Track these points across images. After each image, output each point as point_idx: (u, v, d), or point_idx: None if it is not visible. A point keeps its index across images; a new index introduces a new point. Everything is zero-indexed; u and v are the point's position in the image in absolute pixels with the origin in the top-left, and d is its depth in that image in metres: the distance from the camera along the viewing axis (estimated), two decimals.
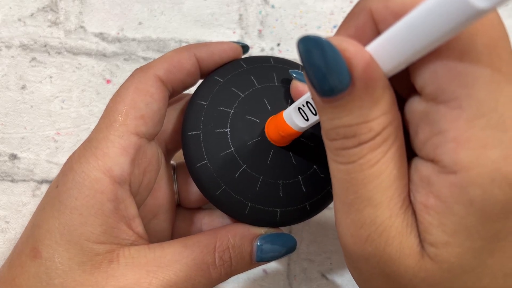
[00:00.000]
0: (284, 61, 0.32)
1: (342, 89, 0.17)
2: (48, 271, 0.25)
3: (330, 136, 0.19)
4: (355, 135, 0.18)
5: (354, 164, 0.18)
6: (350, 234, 0.19)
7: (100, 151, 0.26)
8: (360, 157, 0.18)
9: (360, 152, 0.18)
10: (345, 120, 0.18)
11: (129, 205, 0.26)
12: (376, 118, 0.18)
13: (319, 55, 0.17)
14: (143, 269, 0.25)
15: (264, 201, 0.28)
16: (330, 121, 0.18)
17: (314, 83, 0.18)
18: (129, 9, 0.42)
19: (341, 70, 0.17)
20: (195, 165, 0.28)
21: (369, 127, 0.18)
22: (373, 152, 0.18)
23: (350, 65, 0.17)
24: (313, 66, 0.18)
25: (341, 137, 0.18)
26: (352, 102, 0.17)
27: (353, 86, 0.17)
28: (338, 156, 0.19)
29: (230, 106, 0.29)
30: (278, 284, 0.40)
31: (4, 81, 0.40)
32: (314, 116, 0.24)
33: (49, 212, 0.26)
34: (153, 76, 0.28)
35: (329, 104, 0.18)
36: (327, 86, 0.17)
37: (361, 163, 0.18)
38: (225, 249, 0.27)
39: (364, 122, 0.18)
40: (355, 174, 0.18)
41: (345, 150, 0.18)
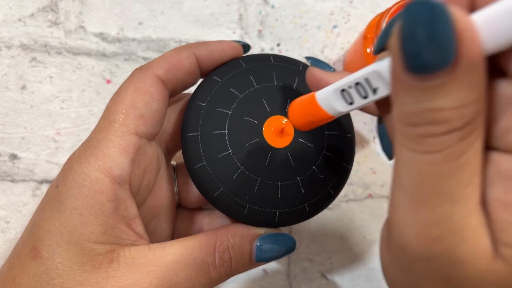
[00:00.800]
0: (284, 59, 0.32)
1: (442, 67, 0.15)
2: (48, 271, 0.25)
3: (413, 120, 0.16)
4: (446, 121, 0.16)
5: (439, 154, 0.16)
6: (416, 233, 0.17)
7: (100, 151, 0.26)
8: (447, 147, 0.16)
9: (448, 140, 0.16)
10: (438, 103, 0.15)
11: (129, 205, 0.26)
12: (472, 104, 0.16)
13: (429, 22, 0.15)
14: (143, 269, 0.25)
15: (262, 203, 0.28)
16: (417, 103, 0.16)
17: (408, 55, 0.15)
18: (129, 9, 0.42)
19: (448, 43, 0.15)
20: (194, 166, 0.28)
21: (462, 113, 0.16)
22: (462, 142, 0.16)
23: (460, 38, 0.15)
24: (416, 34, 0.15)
25: (428, 123, 0.16)
26: (451, 84, 0.15)
27: (456, 65, 0.15)
28: (420, 144, 0.16)
29: (228, 107, 0.29)
30: (278, 284, 0.40)
31: (4, 81, 0.40)
32: (362, 100, 0.21)
33: (49, 212, 0.26)
34: (152, 76, 0.28)
35: (420, 83, 0.15)
36: (425, 61, 0.15)
37: (447, 153, 0.16)
38: (225, 249, 0.27)
39: (459, 107, 0.15)
40: (437, 166, 0.16)
41: (430, 137, 0.16)
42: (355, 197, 0.42)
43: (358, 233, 0.41)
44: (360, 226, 0.41)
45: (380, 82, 0.20)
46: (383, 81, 0.20)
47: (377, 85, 0.20)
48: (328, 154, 0.29)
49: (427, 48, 0.15)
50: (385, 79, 0.19)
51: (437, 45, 0.15)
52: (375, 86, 0.20)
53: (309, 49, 0.43)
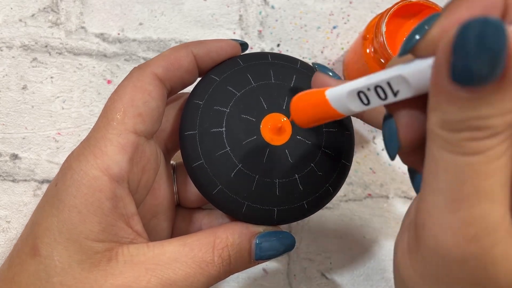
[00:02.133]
0: (281, 57, 0.32)
1: (491, 79, 0.16)
2: (47, 269, 0.25)
3: (457, 127, 0.17)
4: (491, 126, 0.16)
5: (481, 155, 0.17)
6: (453, 233, 0.18)
7: (99, 150, 0.26)
8: (490, 148, 0.17)
9: (491, 143, 0.17)
10: (484, 112, 0.16)
11: (128, 203, 0.27)
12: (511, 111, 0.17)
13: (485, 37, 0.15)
14: (142, 267, 0.26)
15: (261, 200, 0.28)
16: (462, 112, 0.17)
17: (458, 67, 0.16)
18: (130, 9, 0.42)
19: (501, 60, 0.15)
20: (192, 165, 0.29)
21: (504, 119, 0.16)
22: (502, 145, 0.17)
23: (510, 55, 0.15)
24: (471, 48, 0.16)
25: (472, 129, 0.17)
26: (497, 95, 0.16)
27: (503, 78, 0.16)
28: (462, 147, 0.17)
29: (226, 105, 0.29)
30: (278, 283, 0.40)
31: (5, 81, 0.40)
32: (380, 101, 0.21)
33: (48, 210, 0.26)
34: (150, 74, 0.28)
35: (466, 94, 0.16)
36: (476, 73, 0.16)
37: (489, 154, 0.17)
38: (224, 247, 0.27)
39: (502, 114, 0.16)
40: (479, 166, 0.17)
41: (474, 141, 0.17)
42: (355, 197, 0.42)
43: (358, 233, 0.41)
44: (360, 225, 0.41)
45: (403, 86, 0.20)
46: (407, 85, 0.20)
47: (399, 88, 0.20)
48: (327, 151, 0.29)
49: (478, 61, 0.15)
50: (410, 83, 0.20)
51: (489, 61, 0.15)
52: (397, 89, 0.20)
53: (309, 50, 0.43)
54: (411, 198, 0.42)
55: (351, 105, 0.22)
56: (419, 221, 0.19)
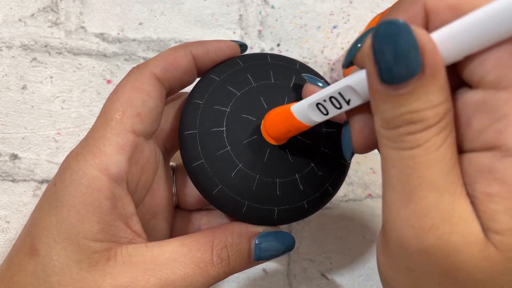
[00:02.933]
0: (281, 58, 0.32)
1: (412, 75, 0.17)
2: (45, 269, 0.25)
3: (394, 123, 0.19)
4: (423, 119, 0.18)
5: (420, 148, 0.18)
6: (411, 225, 0.19)
7: (97, 150, 0.26)
8: (427, 140, 0.18)
9: (427, 135, 0.18)
10: (413, 106, 0.18)
11: (126, 203, 0.27)
12: (441, 103, 0.18)
13: (396, 39, 0.17)
14: (141, 267, 0.25)
15: (261, 200, 0.28)
16: (395, 109, 0.18)
17: (382, 70, 0.18)
18: (130, 9, 0.42)
19: (415, 56, 0.17)
20: (192, 164, 0.28)
21: (435, 112, 0.18)
22: (438, 136, 0.18)
23: (423, 51, 0.17)
24: (387, 51, 0.18)
25: (407, 123, 0.18)
26: (421, 88, 0.18)
27: (423, 72, 0.17)
28: (402, 142, 0.19)
29: (226, 104, 0.29)
30: (278, 283, 0.40)
31: (5, 81, 0.40)
32: (336, 110, 0.24)
33: (47, 210, 0.26)
34: (149, 74, 0.28)
35: (395, 92, 0.18)
36: (397, 72, 0.18)
37: (427, 146, 0.18)
38: (223, 247, 0.27)
39: (431, 107, 0.18)
40: (420, 158, 0.18)
41: (410, 135, 0.18)
42: (355, 197, 0.41)
43: (358, 233, 0.41)
44: (360, 226, 0.41)
45: (353, 94, 0.22)
46: (355, 93, 0.22)
47: (350, 97, 0.22)
48: (326, 151, 0.29)
49: (396, 61, 0.17)
50: (357, 91, 0.22)
51: (404, 58, 0.17)
52: (348, 98, 0.22)
53: (309, 50, 0.43)
54: None
55: (313, 116, 0.25)
56: (383, 218, 0.21)
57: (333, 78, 0.43)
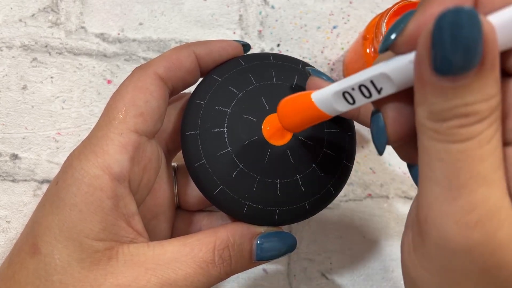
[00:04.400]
0: (283, 58, 0.32)
1: (471, 67, 0.16)
2: (47, 268, 0.25)
3: (444, 116, 0.18)
4: (476, 113, 0.17)
5: (473, 141, 0.17)
6: (455, 221, 0.18)
7: (100, 149, 0.26)
8: (479, 133, 0.17)
9: (480, 128, 0.17)
10: (468, 99, 0.17)
11: (128, 202, 0.27)
12: (495, 95, 0.17)
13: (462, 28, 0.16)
14: (142, 267, 0.25)
15: (262, 201, 0.28)
16: (448, 101, 0.17)
17: (438, 59, 0.17)
18: (130, 9, 0.42)
19: (478, 46, 0.16)
20: (193, 164, 0.28)
21: (489, 105, 0.17)
22: (490, 128, 0.18)
23: (486, 42, 0.16)
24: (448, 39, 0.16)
25: (460, 116, 0.17)
26: (478, 81, 0.17)
27: (483, 64, 0.16)
28: (453, 135, 0.18)
29: (228, 105, 0.29)
30: (278, 283, 0.40)
31: (5, 81, 0.40)
32: (365, 99, 0.22)
33: (49, 208, 0.26)
34: (152, 74, 0.28)
35: (449, 84, 0.17)
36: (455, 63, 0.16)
37: (480, 139, 0.17)
38: (225, 248, 0.27)
39: (486, 100, 0.17)
40: (472, 151, 0.17)
41: (463, 128, 0.17)
42: (355, 197, 0.42)
43: (358, 233, 0.41)
44: (360, 226, 0.41)
45: (386, 83, 0.20)
46: (389, 81, 0.20)
47: (382, 85, 0.21)
48: (328, 152, 0.29)
49: (456, 51, 0.16)
50: (392, 80, 0.20)
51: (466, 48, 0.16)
52: (380, 87, 0.21)
53: (309, 50, 0.43)
54: (411, 198, 0.42)
55: (337, 105, 0.23)
56: (420, 215, 0.20)
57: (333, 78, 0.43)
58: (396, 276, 0.41)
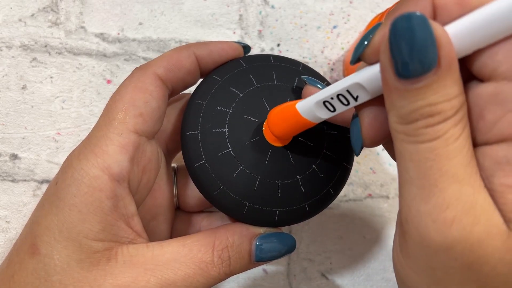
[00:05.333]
0: (284, 59, 0.32)
1: (429, 69, 0.18)
2: (46, 268, 0.25)
3: (411, 118, 0.19)
4: (440, 112, 0.18)
5: (440, 140, 0.18)
6: (432, 220, 0.19)
7: (99, 149, 0.26)
8: (445, 132, 0.18)
9: (445, 127, 0.18)
10: (431, 99, 0.18)
11: (128, 203, 0.26)
12: (457, 96, 0.18)
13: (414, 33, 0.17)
14: (141, 267, 0.25)
15: (262, 201, 0.28)
16: (413, 103, 0.18)
17: (398, 64, 0.18)
18: (130, 9, 0.42)
19: (432, 49, 0.17)
20: (193, 165, 0.28)
21: (452, 104, 0.18)
22: (456, 127, 0.18)
23: (439, 44, 0.17)
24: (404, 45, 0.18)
25: (425, 116, 0.18)
26: (438, 82, 0.18)
27: (439, 66, 0.18)
28: (421, 135, 0.19)
29: (228, 105, 0.29)
30: (278, 283, 0.40)
31: (5, 81, 0.40)
32: (344, 106, 0.24)
33: (48, 209, 0.26)
34: (152, 75, 0.28)
35: (412, 86, 0.18)
36: (414, 66, 0.18)
37: (446, 137, 0.18)
38: (224, 248, 0.27)
39: (448, 99, 0.18)
40: (440, 150, 0.18)
41: (429, 127, 0.18)
42: (355, 197, 0.42)
43: (358, 233, 0.41)
44: (360, 226, 0.41)
45: (361, 91, 0.22)
46: (364, 90, 0.22)
47: (358, 94, 0.22)
48: (328, 153, 0.29)
49: (412, 55, 0.18)
50: (365, 88, 0.22)
51: (421, 51, 0.17)
52: (356, 95, 0.23)
53: (309, 50, 0.43)
54: None
55: (320, 113, 0.25)
56: (402, 216, 0.20)
57: (333, 78, 0.43)
58: None
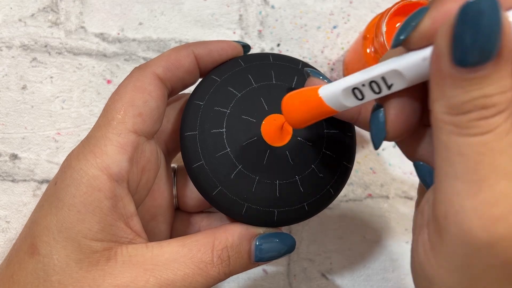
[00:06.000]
0: (283, 58, 0.32)
1: (490, 58, 0.17)
2: (45, 268, 0.25)
3: (464, 109, 0.18)
4: (495, 104, 0.17)
5: (492, 133, 0.18)
6: (478, 216, 0.18)
7: (98, 149, 0.26)
8: (498, 126, 0.17)
9: (498, 120, 0.17)
10: (488, 90, 0.17)
11: (127, 203, 0.26)
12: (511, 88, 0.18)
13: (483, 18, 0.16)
14: (141, 268, 0.25)
15: (261, 202, 0.28)
16: (468, 93, 0.17)
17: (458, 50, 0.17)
18: (130, 9, 0.42)
19: (496, 37, 0.16)
20: (192, 165, 0.28)
21: (506, 97, 0.17)
22: (507, 121, 0.18)
23: (504, 33, 0.16)
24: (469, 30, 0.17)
25: (479, 108, 0.17)
26: (496, 73, 0.17)
27: (500, 55, 0.17)
28: (473, 128, 0.18)
29: (226, 106, 0.29)
30: (278, 283, 0.40)
31: (5, 81, 0.40)
32: (374, 95, 0.22)
33: (47, 209, 0.26)
34: (151, 74, 0.28)
35: (470, 75, 0.17)
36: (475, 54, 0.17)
37: (499, 131, 0.18)
38: (223, 248, 0.27)
39: (504, 91, 0.17)
40: (492, 144, 0.18)
41: (482, 120, 0.18)
42: (355, 197, 0.41)
43: (358, 233, 0.41)
44: (360, 226, 0.41)
45: (397, 79, 0.21)
46: (401, 78, 0.21)
47: (394, 82, 0.21)
48: (328, 153, 0.29)
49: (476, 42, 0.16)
50: (404, 76, 0.20)
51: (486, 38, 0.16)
52: (391, 83, 0.21)
53: (309, 50, 0.43)
54: (411, 198, 0.42)
55: (346, 101, 0.23)
56: (439, 212, 0.20)
57: (333, 78, 0.43)
58: (396, 276, 0.41)
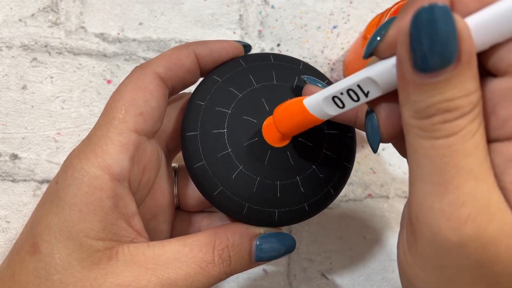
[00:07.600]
0: (284, 58, 0.32)
1: (449, 63, 0.17)
2: (47, 267, 0.25)
3: (428, 113, 0.18)
4: (458, 107, 0.18)
5: (457, 136, 0.18)
6: (447, 218, 0.18)
7: (100, 148, 0.26)
8: (462, 128, 0.18)
9: (463, 122, 0.18)
10: (450, 94, 0.18)
11: (128, 202, 0.26)
12: (474, 91, 0.18)
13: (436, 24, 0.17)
14: (142, 267, 0.25)
15: (262, 202, 0.28)
16: (430, 97, 0.18)
17: (418, 57, 0.17)
18: (130, 9, 0.42)
19: (453, 42, 0.17)
20: (193, 165, 0.28)
21: (469, 100, 0.18)
22: (472, 123, 0.18)
23: (461, 37, 0.17)
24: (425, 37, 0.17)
25: (442, 112, 0.18)
26: (457, 76, 0.17)
27: (459, 60, 0.17)
28: (437, 131, 0.18)
29: (228, 106, 0.29)
30: (278, 283, 0.40)
31: (5, 81, 0.40)
32: (353, 102, 0.23)
33: (49, 208, 0.26)
34: (152, 74, 0.28)
35: (431, 80, 0.18)
36: (434, 60, 0.17)
37: (463, 133, 0.18)
38: (224, 248, 0.27)
39: (466, 95, 0.18)
40: (457, 146, 0.18)
41: (447, 123, 0.18)
42: (355, 197, 0.42)
43: (358, 233, 0.41)
44: (360, 226, 0.41)
45: (372, 86, 0.22)
46: (375, 85, 0.21)
47: (369, 89, 0.22)
48: (328, 153, 0.29)
49: (433, 48, 0.17)
50: (377, 83, 0.21)
51: (442, 44, 0.17)
52: (367, 90, 0.22)
53: (309, 50, 0.43)
54: None
55: (328, 109, 0.24)
56: (412, 213, 0.20)
57: (333, 78, 0.43)
58: (396, 276, 0.41)
